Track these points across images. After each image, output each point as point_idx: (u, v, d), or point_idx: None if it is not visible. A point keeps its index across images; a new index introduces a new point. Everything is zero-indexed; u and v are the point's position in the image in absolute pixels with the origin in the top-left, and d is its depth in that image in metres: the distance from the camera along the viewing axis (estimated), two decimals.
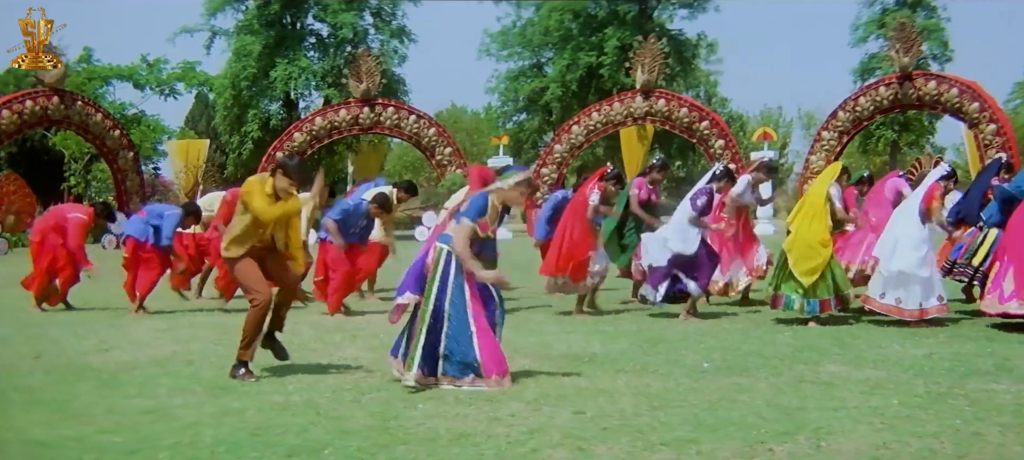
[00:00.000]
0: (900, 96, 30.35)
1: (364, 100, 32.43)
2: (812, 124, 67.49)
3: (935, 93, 29.83)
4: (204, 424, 6.17)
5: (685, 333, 9.99)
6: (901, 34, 30.46)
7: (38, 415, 6.53)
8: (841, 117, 31.49)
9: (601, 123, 32.96)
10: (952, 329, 10.09)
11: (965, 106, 29.33)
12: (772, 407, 6.41)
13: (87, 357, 8.87)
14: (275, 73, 39.71)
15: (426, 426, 6.05)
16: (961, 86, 29.86)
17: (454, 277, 7.27)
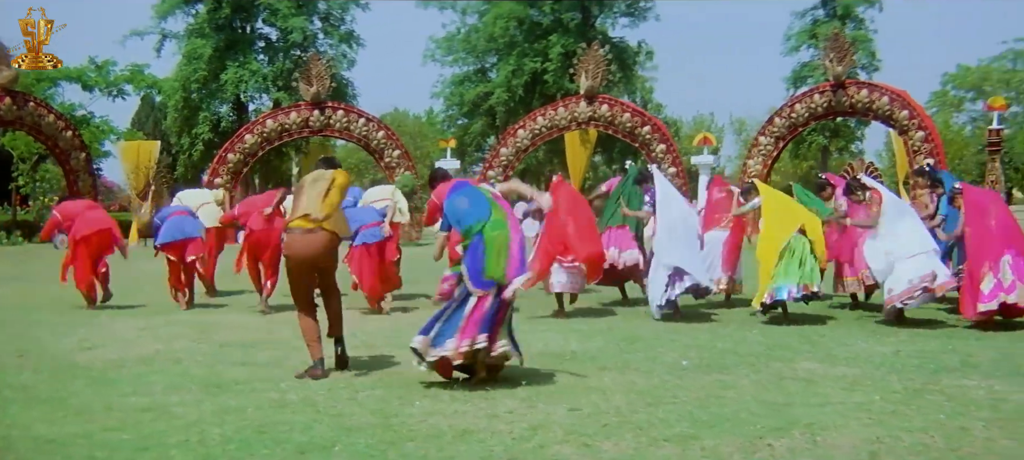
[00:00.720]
0: (834, 103, 31.01)
1: (314, 103, 32.40)
2: (743, 130, 68.64)
3: (867, 101, 30.52)
4: (207, 422, 6.29)
5: (657, 331, 10.26)
6: (835, 44, 31.11)
7: (38, 412, 6.60)
8: (777, 123, 32.10)
9: (546, 127, 33.24)
10: (913, 327, 10.47)
11: (895, 113, 30.06)
12: (760, 403, 6.68)
13: (72, 355, 8.93)
14: (225, 76, 39.62)
15: (428, 423, 6.23)
16: (891, 94, 30.58)
17: None
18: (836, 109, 31.52)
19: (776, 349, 9.03)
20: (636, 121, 32.72)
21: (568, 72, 37.83)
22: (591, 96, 32.75)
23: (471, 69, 47.53)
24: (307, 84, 32.40)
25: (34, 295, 14.10)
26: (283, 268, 8.82)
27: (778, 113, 32.42)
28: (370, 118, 33.75)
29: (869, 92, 30.69)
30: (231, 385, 7.50)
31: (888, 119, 30.29)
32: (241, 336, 10.02)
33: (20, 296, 14.30)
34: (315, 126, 33.03)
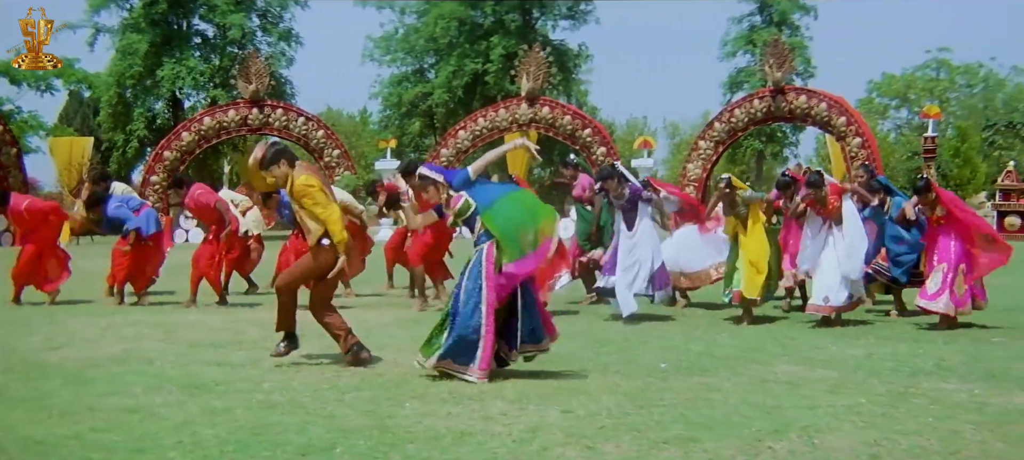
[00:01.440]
0: (773, 109, 31.54)
1: (253, 101, 32.13)
2: (677, 133, 69.40)
3: (805, 107, 31.08)
4: (197, 423, 6.19)
5: (626, 333, 10.28)
6: (774, 50, 31.62)
7: (21, 413, 6.45)
8: (717, 128, 32.56)
9: (487, 128, 33.33)
10: (875, 330, 10.63)
11: (833, 120, 30.64)
12: (750, 406, 6.71)
13: (39, 354, 8.76)
14: (162, 72, 39.07)
15: (423, 425, 6.18)
16: (829, 101, 31.18)
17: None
18: (775, 115, 32.07)
19: (750, 352, 9.10)
20: (577, 123, 32.98)
21: (509, 74, 37.96)
22: (532, 98, 32.92)
23: (410, 69, 47.37)
24: (246, 82, 32.13)
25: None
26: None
27: (718, 118, 32.88)
28: (309, 117, 33.60)
29: (808, 98, 31.23)
30: (211, 386, 7.39)
31: (826, 125, 30.87)
32: (209, 336, 9.87)
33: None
34: (253, 124, 32.78)
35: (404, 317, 11.69)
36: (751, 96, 33.18)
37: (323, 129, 33.40)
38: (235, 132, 33.15)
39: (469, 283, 7.67)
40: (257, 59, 32.99)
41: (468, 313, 7.60)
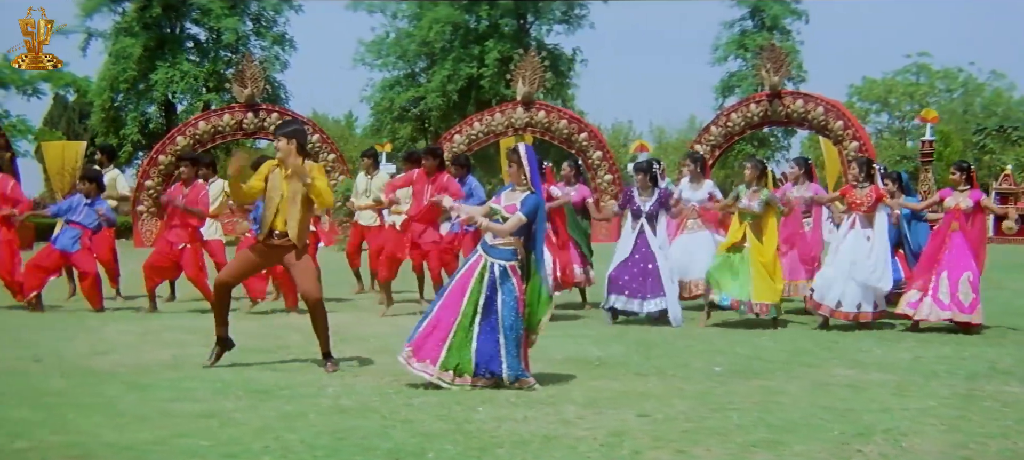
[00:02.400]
0: (770, 113, 31.55)
1: (248, 105, 31.95)
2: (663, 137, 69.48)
3: (802, 111, 31.11)
4: (277, 429, 6.15)
5: (667, 337, 10.26)
6: (771, 54, 31.64)
7: (98, 419, 6.38)
8: (713, 132, 32.54)
9: (482, 133, 33.23)
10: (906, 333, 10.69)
11: (830, 124, 30.70)
12: (824, 410, 6.71)
13: (88, 360, 8.65)
14: (155, 76, 38.92)
15: (504, 429, 6.17)
16: (826, 105, 31.26)
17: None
18: (772, 119, 32.07)
19: (798, 355, 9.12)
20: (573, 128, 32.92)
21: (504, 78, 37.96)
22: (528, 102, 32.87)
23: (401, 74, 47.35)
24: (241, 86, 31.91)
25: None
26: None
27: (714, 122, 32.91)
28: (305, 121, 33.43)
29: (804, 102, 31.26)
30: (275, 391, 7.35)
31: (823, 129, 30.90)
32: (252, 342, 9.67)
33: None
34: (248, 128, 32.55)
35: None
36: (747, 100, 33.23)
37: (318, 133, 33.23)
38: (230, 136, 32.88)
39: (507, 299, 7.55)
40: (252, 63, 32.83)
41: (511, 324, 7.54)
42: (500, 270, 7.53)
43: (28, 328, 10.78)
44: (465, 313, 7.50)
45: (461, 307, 7.51)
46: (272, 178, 8.25)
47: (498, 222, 7.62)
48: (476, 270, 7.58)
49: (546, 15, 45.04)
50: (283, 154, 8.20)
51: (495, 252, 7.58)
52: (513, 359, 7.47)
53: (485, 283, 7.51)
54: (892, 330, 10.92)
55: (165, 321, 11.43)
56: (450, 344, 7.45)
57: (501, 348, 7.45)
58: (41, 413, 6.58)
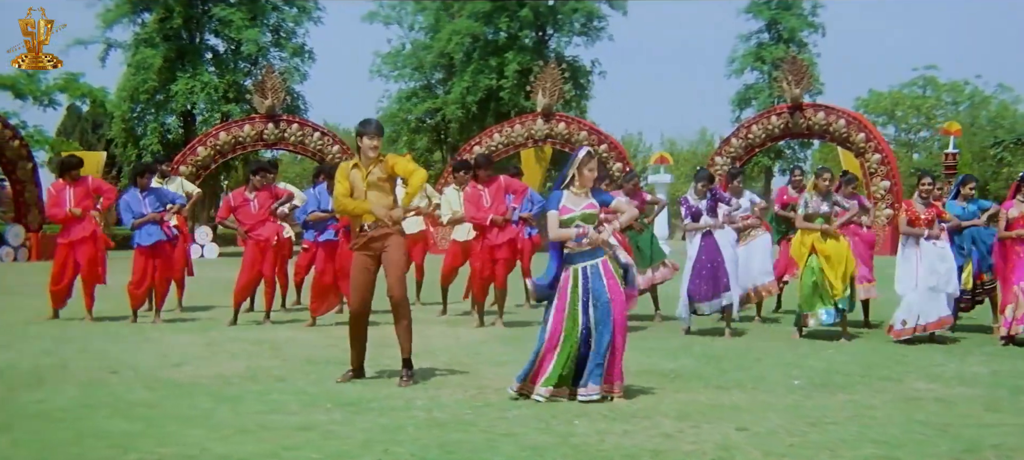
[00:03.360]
0: (791, 125, 31.64)
1: (268, 116, 32.02)
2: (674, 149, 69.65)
3: (824, 123, 31.21)
4: (381, 441, 6.13)
5: (731, 349, 10.22)
6: (792, 66, 31.75)
7: (198, 431, 6.36)
8: (734, 143, 32.63)
9: (502, 144, 33.34)
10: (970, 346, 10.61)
11: (852, 136, 30.79)
12: (920, 424, 6.66)
13: (163, 372, 8.63)
14: (176, 87, 38.92)
15: (608, 442, 6.13)
16: (848, 117, 31.41)
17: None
18: (793, 131, 32.16)
19: (873, 368, 9.04)
20: (593, 139, 32.97)
21: (524, 89, 38.01)
22: (548, 114, 32.96)
23: (418, 85, 47.37)
24: (262, 97, 32.03)
25: (35, 309, 13.52)
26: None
27: (735, 133, 32.97)
28: (325, 132, 33.59)
29: (826, 115, 31.36)
30: (364, 403, 7.32)
31: (845, 141, 30.97)
32: (319, 354, 9.76)
33: (26, 310, 13.75)
34: (269, 139, 32.69)
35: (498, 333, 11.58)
36: (768, 112, 33.33)
37: (338, 144, 33.30)
38: (251, 147, 33.00)
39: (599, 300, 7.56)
40: (272, 74, 32.93)
41: (603, 333, 7.53)
42: (593, 270, 7.55)
43: (95, 338, 10.79)
44: (567, 329, 7.50)
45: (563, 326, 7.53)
46: (353, 178, 8.21)
47: (579, 227, 7.60)
48: (569, 286, 7.58)
49: (566, 27, 45.06)
50: (369, 150, 8.18)
51: (579, 257, 7.59)
52: (598, 368, 7.46)
53: (580, 291, 7.52)
54: (957, 343, 10.85)
55: (227, 333, 11.41)
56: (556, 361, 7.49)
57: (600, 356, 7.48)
58: (138, 424, 6.57)
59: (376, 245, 8.14)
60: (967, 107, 64.69)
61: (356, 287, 8.20)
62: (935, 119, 65.27)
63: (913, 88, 64.67)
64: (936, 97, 65.22)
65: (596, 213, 7.64)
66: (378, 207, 8.10)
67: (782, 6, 48.74)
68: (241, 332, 11.43)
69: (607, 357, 7.47)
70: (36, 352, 9.76)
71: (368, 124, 8.32)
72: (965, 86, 64.84)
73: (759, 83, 49.22)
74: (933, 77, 64.27)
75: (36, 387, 7.88)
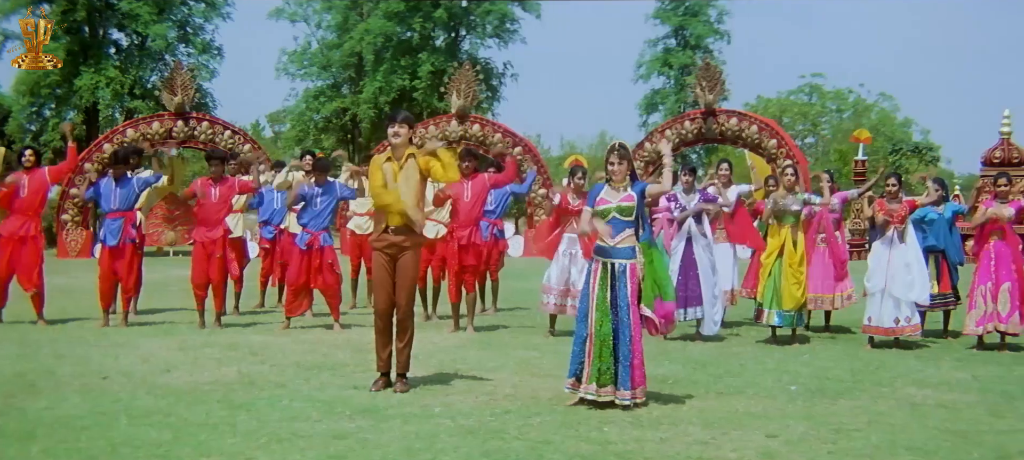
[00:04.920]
0: (704, 130, 32.12)
1: (178, 113, 31.28)
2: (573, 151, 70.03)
3: (737, 129, 31.74)
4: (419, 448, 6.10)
5: (709, 356, 10.20)
6: (706, 73, 32.24)
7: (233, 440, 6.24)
8: (647, 148, 32.98)
9: (416, 145, 33.12)
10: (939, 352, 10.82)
11: (764, 142, 31.36)
12: (941, 432, 6.82)
13: (155, 377, 8.43)
14: (79, 82, 37.68)
15: (649, 449, 6.19)
16: (760, 123, 32.03)
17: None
18: (706, 136, 32.63)
19: (859, 374, 9.17)
20: (508, 141, 33.01)
21: (438, 91, 37.87)
22: (463, 116, 32.88)
23: (325, 84, 46.81)
24: (171, 93, 31.29)
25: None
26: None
27: (648, 138, 33.35)
28: (236, 130, 32.99)
29: (739, 121, 31.92)
30: (383, 410, 7.24)
31: (757, 147, 31.52)
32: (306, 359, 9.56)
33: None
34: (178, 137, 31.94)
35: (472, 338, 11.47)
36: (682, 117, 33.78)
37: (250, 142, 32.72)
38: (159, 144, 32.16)
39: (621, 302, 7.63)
40: (182, 71, 32.18)
41: (628, 336, 7.59)
42: (620, 269, 7.60)
43: (62, 343, 10.45)
44: (597, 322, 7.53)
45: (593, 319, 7.56)
46: (386, 173, 8.08)
47: (617, 221, 7.67)
48: (597, 279, 7.61)
49: (479, 29, 45.03)
50: (402, 141, 8.10)
51: (619, 252, 7.64)
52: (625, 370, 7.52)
53: (607, 288, 7.58)
54: (926, 349, 11.12)
55: (196, 337, 11.12)
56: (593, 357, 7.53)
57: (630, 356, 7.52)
58: (166, 433, 6.41)
59: (393, 250, 8.03)
60: (850, 115, 66.57)
61: (379, 285, 8.09)
62: (820, 125, 67.15)
63: (800, 95, 66.30)
64: (821, 104, 66.99)
65: (633, 206, 7.67)
66: (414, 210, 8.03)
67: (689, 13, 49.48)
68: (210, 336, 11.14)
69: (632, 362, 7.52)
70: (9, 357, 9.42)
71: (393, 113, 8.35)
72: (849, 94, 66.77)
73: (666, 88, 49.90)
74: (819, 85, 65.99)
75: (35, 394, 7.62)
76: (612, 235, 7.66)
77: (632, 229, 7.71)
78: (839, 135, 64.89)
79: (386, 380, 8.10)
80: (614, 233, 7.66)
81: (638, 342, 7.56)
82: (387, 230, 8.04)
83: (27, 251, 12.09)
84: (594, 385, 7.51)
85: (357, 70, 45.75)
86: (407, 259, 8.08)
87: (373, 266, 8.17)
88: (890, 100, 65.21)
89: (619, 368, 7.48)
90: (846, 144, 60.10)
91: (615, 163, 7.74)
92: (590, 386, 7.48)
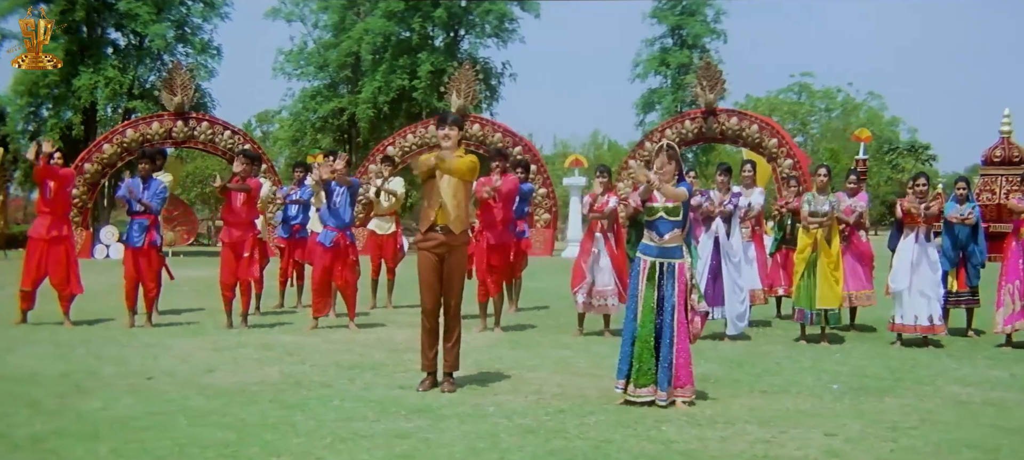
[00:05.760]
0: (705, 130, 32.12)
1: (177, 113, 31.15)
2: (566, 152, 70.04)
3: (737, 128, 31.74)
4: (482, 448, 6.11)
5: (744, 356, 10.21)
6: (706, 72, 32.23)
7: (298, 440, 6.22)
8: (648, 147, 32.93)
9: (416, 144, 33.07)
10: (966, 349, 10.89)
11: (765, 141, 31.38)
12: (996, 429, 6.87)
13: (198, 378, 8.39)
14: (78, 82, 37.43)
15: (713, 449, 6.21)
16: (761, 123, 32.05)
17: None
18: (706, 136, 32.65)
19: (897, 372, 9.24)
20: (507, 141, 33.02)
21: (437, 90, 37.83)
22: (463, 115, 32.87)
23: (322, 84, 46.65)
24: (170, 94, 31.17)
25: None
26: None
27: (648, 137, 33.37)
28: (236, 130, 32.87)
29: (739, 120, 31.94)
30: (435, 410, 7.23)
31: (758, 146, 31.54)
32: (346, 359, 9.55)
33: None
34: (178, 137, 31.84)
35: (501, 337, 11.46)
36: (682, 116, 33.79)
37: (250, 144, 32.62)
38: (159, 145, 32.02)
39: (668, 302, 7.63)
40: (181, 71, 32.04)
41: (671, 337, 7.60)
42: (669, 268, 7.63)
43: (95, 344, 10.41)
44: (642, 320, 7.52)
45: (638, 316, 7.56)
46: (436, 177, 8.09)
47: (664, 221, 7.68)
48: (644, 276, 7.62)
49: (478, 29, 44.94)
50: (452, 143, 8.11)
51: (667, 252, 7.66)
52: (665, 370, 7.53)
53: (655, 286, 7.61)
54: (954, 347, 11.16)
55: (227, 337, 11.09)
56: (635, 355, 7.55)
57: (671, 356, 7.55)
58: (230, 433, 6.38)
59: (442, 250, 8.02)
60: (839, 114, 66.90)
61: (428, 285, 8.06)
62: (809, 124, 67.45)
63: (789, 94, 66.54)
64: (810, 104, 67.26)
65: (680, 206, 7.69)
66: (447, 154, 8.04)
67: (686, 12, 49.52)
68: (242, 336, 11.11)
69: (673, 362, 7.52)
70: (48, 358, 9.37)
71: (442, 115, 8.31)
72: (837, 93, 67.07)
73: (663, 87, 49.92)
74: (808, 84, 66.21)
75: (85, 395, 7.58)
76: (660, 234, 7.65)
77: (680, 228, 7.72)
78: (829, 134, 65.26)
79: (433, 380, 8.09)
80: (662, 232, 7.65)
81: (683, 341, 7.58)
82: (435, 229, 8.02)
83: (59, 252, 12.01)
84: (632, 385, 7.56)
85: (354, 70, 45.58)
86: (455, 258, 8.10)
87: (420, 266, 8.12)
88: (879, 99, 65.56)
89: (659, 368, 7.50)
90: (836, 143, 60.58)
91: (664, 163, 7.73)
92: (638, 390, 7.52)
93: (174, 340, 10.73)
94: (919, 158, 49.24)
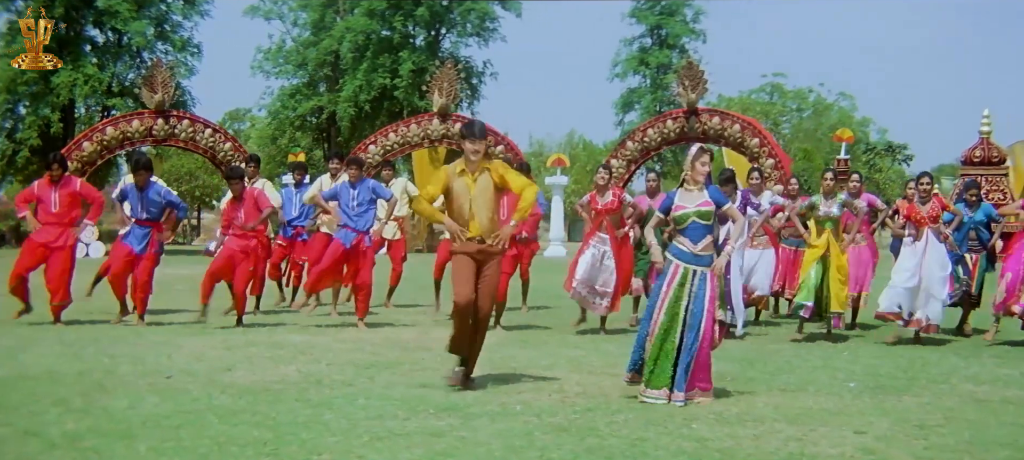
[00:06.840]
0: (686, 129, 32.22)
1: (158, 111, 30.96)
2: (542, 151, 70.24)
3: (719, 128, 31.85)
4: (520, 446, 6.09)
5: (754, 354, 10.29)
6: (688, 72, 32.35)
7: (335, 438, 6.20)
8: (629, 146, 33.06)
9: (397, 143, 33.09)
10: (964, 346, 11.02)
11: (746, 141, 31.50)
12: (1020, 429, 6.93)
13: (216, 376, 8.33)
14: (57, 79, 37.14)
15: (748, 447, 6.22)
16: (743, 123, 32.17)
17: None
18: (688, 135, 32.66)
19: (909, 371, 9.31)
20: (490, 141, 33.00)
21: (419, 89, 37.83)
22: (445, 114, 32.85)
23: (301, 82, 46.52)
24: (151, 91, 30.99)
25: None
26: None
27: (630, 136, 33.44)
28: (217, 129, 32.77)
29: (721, 119, 32.06)
30: (463, 408, 7.21)
31: (739, 146, 31.67)
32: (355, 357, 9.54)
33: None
34: (159, 135, 31.69)
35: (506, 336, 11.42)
36: (664, 116, 33.87)
37: (230, 141, 32.50)
38: (139, 143, 31.82)
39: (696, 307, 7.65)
40: (162, 68, 31.85)
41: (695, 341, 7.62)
42: (702, 276, 7.62)
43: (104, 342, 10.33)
44: (664, 325, 7.53)
45: (661, 318, 7.56)
46: (457, 186, 8.05)
47: (697, 225, 7.66)
48: (675, 281, 7.62)
49: (459, 28, 44.97)
50: (480, 156, 8.05)
51: (701, 260, 7.65)
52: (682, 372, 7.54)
53: (685, 291, 7.58)
54: (957, 343, 11.28)
55: (234, 337, 11.02)
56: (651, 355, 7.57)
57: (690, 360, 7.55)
58: (267, 432, 6.36)
59: (481, 256, 8.03)
60: (810, 114, 67.25)
61: (462, 279, 7.99)
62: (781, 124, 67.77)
63: (761, 94, 66.83)
64: (782, 104, 67.58)
65: (711, 211, 7.67)
66: (450, 223, 8.06)
67: (665, 12, 49.71)
68: (250, 335, 11.10)
69: (692, 365, 7.54)
70: (59, 356, 9.30)
71: (471, 127, 8.22)
72: (809, 93, 67.42)
73: (642, 87, 50.10)
74: (780, 84, 66.55)
75: (109, 394, 7.52)
76: (694, 241, 7.66)
77: (713, 234, 7.73)
78: (801, 134, 65.58)
79: (467, 372, 8.08)
80: (695, 239, 7.66)
81: (707, 346, 7.60)
82: (471, 239, 8.01)
83: (58, 259, 11.87)
84: (645, 386, 7.57)
85: (334, 68, 45.49)
86: (493, 266, 8.10)
87: (456, 264, 8.09)
88: (849, 99, 65.92)
89: (677, 372, 7.51)
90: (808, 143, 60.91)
91: (708, 163, 7.77)
92: (650, 391, 7.53)
93: (184, 339, 10.68)
94: (896, 158, 49.59)
